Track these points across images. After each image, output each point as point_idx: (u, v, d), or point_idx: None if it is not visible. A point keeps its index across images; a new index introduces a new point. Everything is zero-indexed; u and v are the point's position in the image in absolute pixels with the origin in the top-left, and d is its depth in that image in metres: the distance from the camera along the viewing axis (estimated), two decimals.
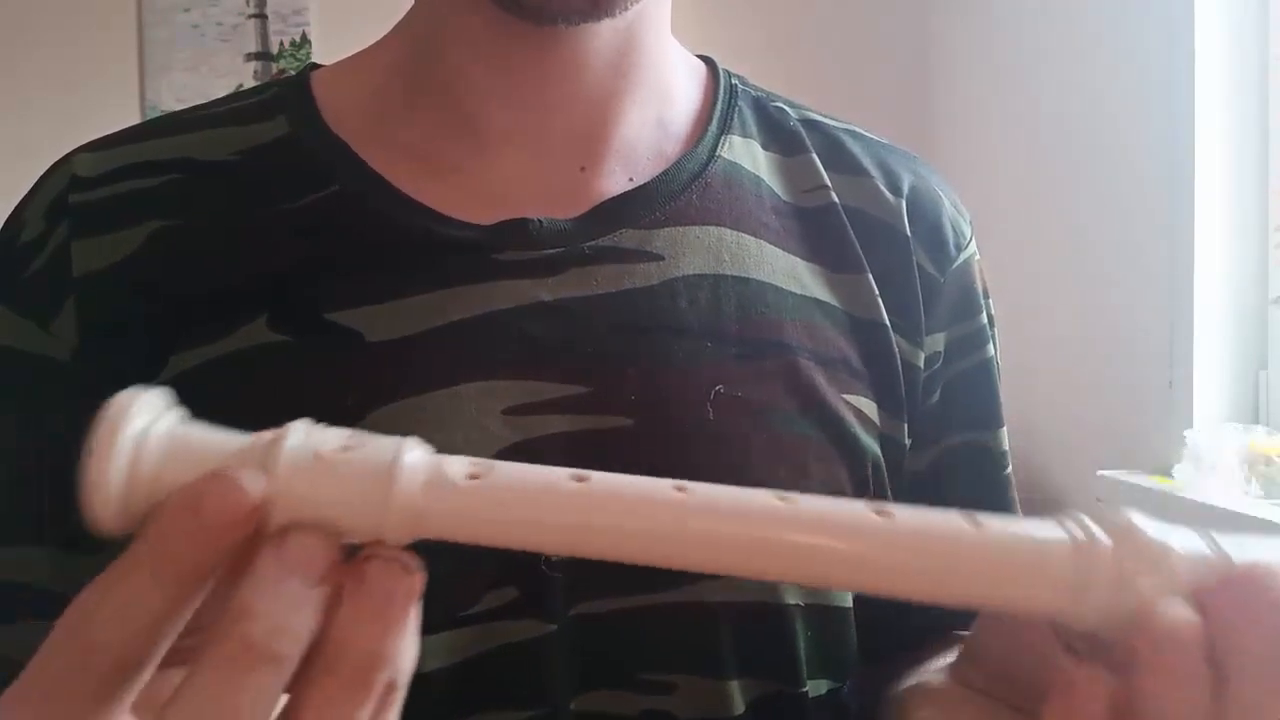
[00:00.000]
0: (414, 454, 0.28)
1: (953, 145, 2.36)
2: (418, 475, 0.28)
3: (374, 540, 0.28)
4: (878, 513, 0.28)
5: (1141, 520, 0.29)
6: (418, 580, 0.27)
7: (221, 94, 0.57)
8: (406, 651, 0.27)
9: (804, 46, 2.43)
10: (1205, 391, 1.65)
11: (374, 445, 0.28)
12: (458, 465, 0.28)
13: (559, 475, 0.29)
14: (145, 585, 0.26)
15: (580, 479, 0.28)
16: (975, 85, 2.35)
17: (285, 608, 0.26)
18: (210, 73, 2.35)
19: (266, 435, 0.28)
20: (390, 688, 0.27)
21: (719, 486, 0.29)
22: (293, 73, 0.56)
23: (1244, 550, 0.29)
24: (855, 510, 0.28)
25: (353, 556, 0.28)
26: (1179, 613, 0.28)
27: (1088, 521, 0.29)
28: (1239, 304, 1.66)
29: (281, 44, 2.37)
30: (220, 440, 0.28)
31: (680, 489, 0.28)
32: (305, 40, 2.37)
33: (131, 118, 2.29)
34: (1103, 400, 1.86)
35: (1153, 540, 0.29)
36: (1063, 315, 1.96)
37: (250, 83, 2.31)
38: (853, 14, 2.50)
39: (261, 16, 2.36)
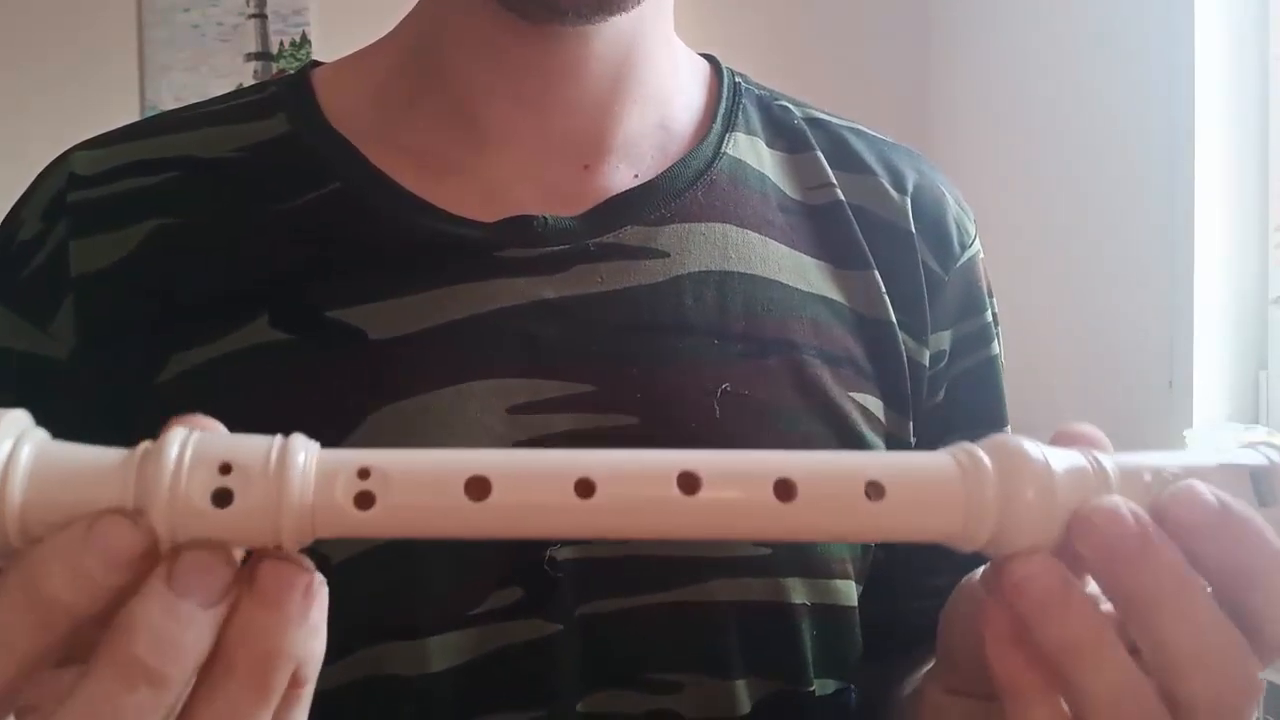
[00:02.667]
0: (300, 461, 0.27)
1: (952, 145, 2.36)
2: (308, 491, 0.27)
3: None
4: (782, 490, 0.29)
5: (1025, 443, 0.30)
6: (312, 577, 0.27)
7: (218, 95, 0.57)
8: (310, 646, 0.27)
9: (804, 45, 2.43)
10: (1205, 391, 1.65)
11: (257, 464, 0.27)
12: (345, 475, 0.28)
13: (455, 474, 0.28)
14: (20, 622, 0.25)
15: (481, 484, 0.28)
16: (975, 85, 2.35)
17: (175, 625, 0.26)
18: (210, 73, 2.35)
19: (137, 454, 0.27)
20: (295, 683, 0.27)
21: (623, 461, 0.29)
22: (293, 72, 0.55)
23: (1122, 464, 0.30)
24: (757, 495, 0.29)
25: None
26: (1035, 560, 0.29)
27: (974, 449, 0.30)
28: (1239, 304, 1.66)
29: (281, 44, 2.37)
30: (85, 462, 0.27)
31: (585, 484, 0.28)
32: (305, 40, 2.37)
33: (131, 118, 2.28)
34: (1103, 400, 1.86)
35: (1034, 461, 0.29)
36: (1062, 315, 1.96)
37: (250, 83, 2.31)
38: (853, 13, 2.50)
39: (261, 16, 2.36)
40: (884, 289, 0.54)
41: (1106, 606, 0.30)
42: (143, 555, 0.26)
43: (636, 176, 0.52)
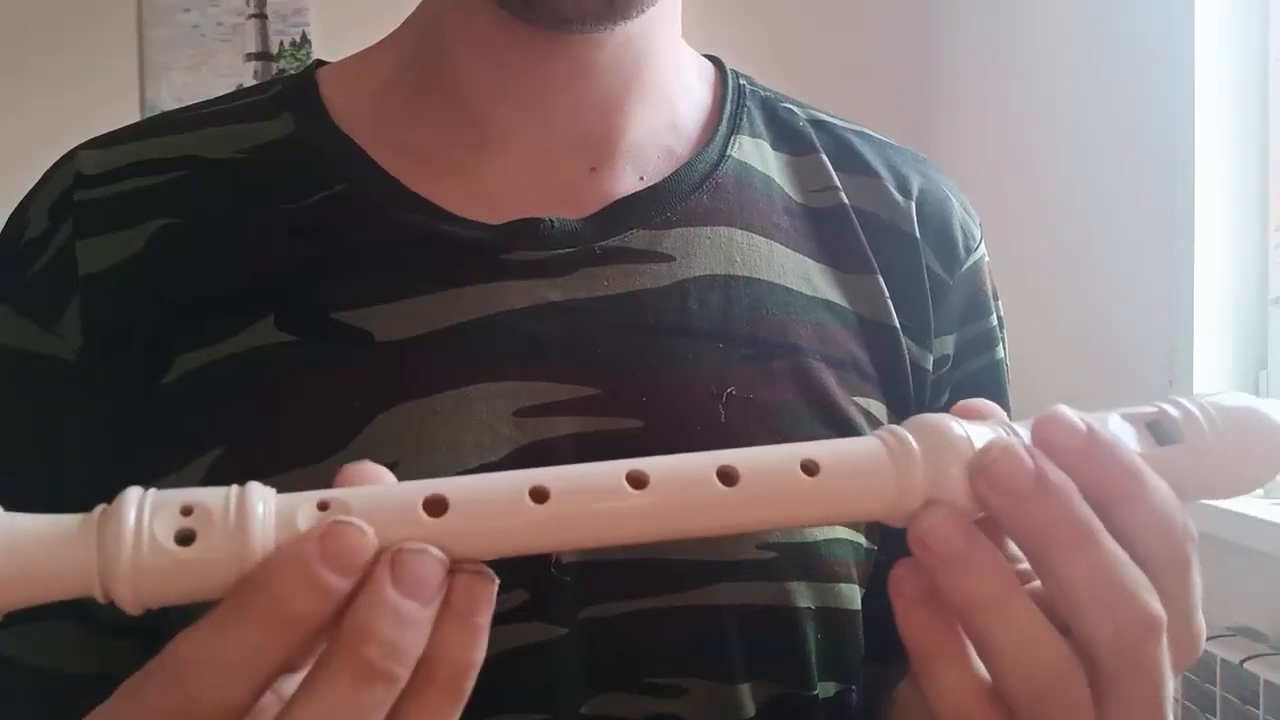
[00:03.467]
0: (260, 518, 0.28)
1: (952, 145, 2.36)
2: (269, 528, 0.28)
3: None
4: (724, 478, 0.30)
5: (947, 418, 0.32)
6: (494, 589, 0.29)
7: (221, 94, 0.57)
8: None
9: (804, 45, 2.43)
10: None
11: (217, 506, 0.28)
12: (305, 508, 0.28)
13: (415, 504, 0.29)
14: (262, 639, 0.26)
15: (436, 503, 0.28)
16: (974, 85, 2.35)
17: (403, 630, 0.27)
18: (210, 73, 2.35)
19: (94, 518, 0.27)
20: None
21: (576, 475, 0.30)
22: (293, 72, 0.55)
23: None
24: (703, 488, 0.30)
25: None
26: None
27: (900, 430, 0.32)
28: (1239, 304, 1.66)
29: (281, 44, 2.37)
30: (44, 526, 0.28)
31: (538, 491, 0.29)
32: (305, 40, 2.37)
33: (131, 118, 2.28)
34: (1103, 400, 1.86)
35: (956, 435, 0.31)
36: (1062, 315, 1.96)
37: (250, 83, 2.31)
38: (853, 14, 2.50)
39: (261, 16, 2.36)
40: (887, 293, 0.53)
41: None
42: (366, 560, 0.27)
43: (642, 179, 0.52)
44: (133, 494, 0.28)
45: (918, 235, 0.55)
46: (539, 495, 0.29)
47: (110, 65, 2.32)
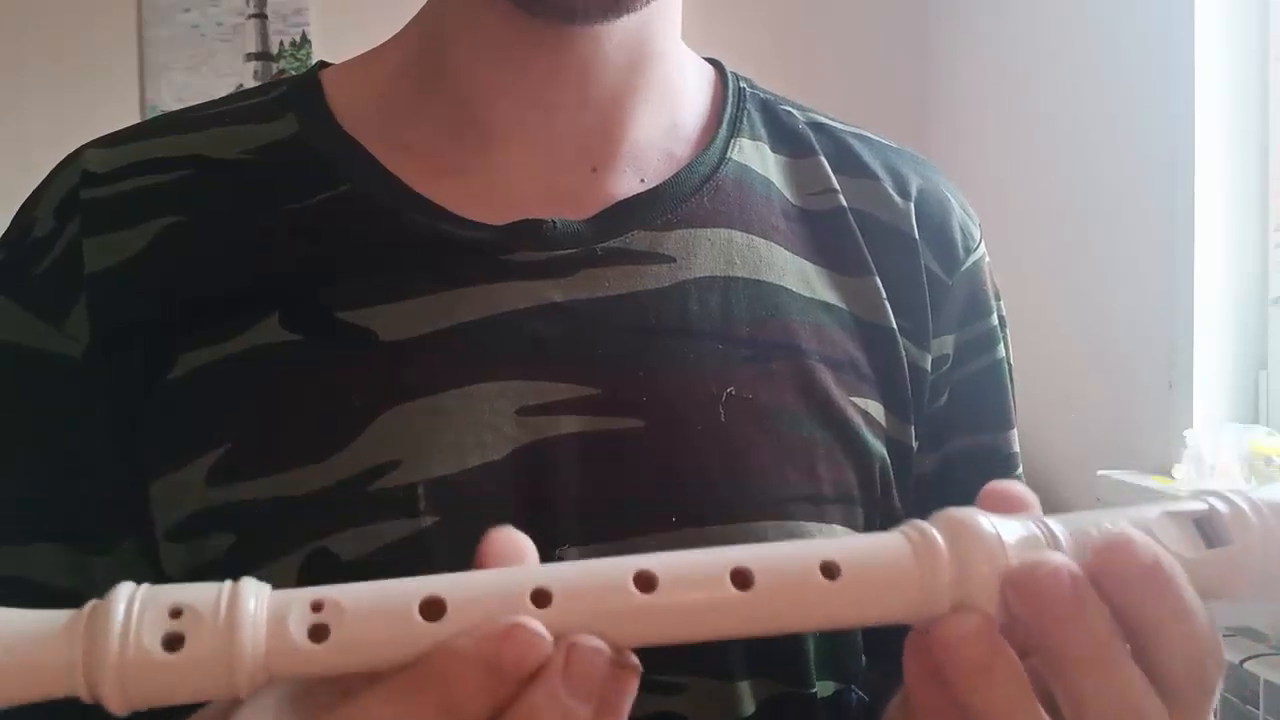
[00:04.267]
0: (251, 620, 0.27)
1: (952, 145, 2.36)
2: (260, 630, 0.27)
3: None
4: (738, 580, 0.29)
5: (976, 514, 0.31)
6: (638, 673, 0.29)
7: (221, 94, 0.57)
8: None
9: (804, 46, 2.43)
10: (1205, 391, 1.65)
11: (206, 613, 0.27)
12: (297, 619, 0.27)
13: (410, 606, 0.28)
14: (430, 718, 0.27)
15: (434, 605, 0.28)
16: (974, 85, 2.35)
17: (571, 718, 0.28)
18: (210, 73, 2.35)
19: (82, 616, 0.27)
20: None
21: (581, 572, 0.29)
22: (293, 73, 0.55)
23: (1071, 527, 0.31)
24: (717, 589, 0.29)
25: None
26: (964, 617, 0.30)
27: (925, 526, 0.30)
28: (1239, 304, 1.66)
29: (281, 44, 2.37)
30: (28, 626, 0.27)
31: (542, 594, 0.28)
32: (305, 40, 2.37)
33: (131, 118, 2.29)
34: (1103, 400, 1.87)
35: (986, 533, 0.30)
36: (1063, 315, 1.96)
37: (250, 83, 2.32)
38: (853, 14, 2.50)
39: (261, 16, 2.36)
40: (885, 295, 0.54)
41: None
42: (540, 661, 0.28)
43: (643, 180, 0.53)
44: (122, 591, 0.27)
45: (916, 236, 0.55)
46: (541, 599, 0.28)
47: (110, 65, 2.32)
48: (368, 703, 0.27)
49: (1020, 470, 0.59)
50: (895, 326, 0.54)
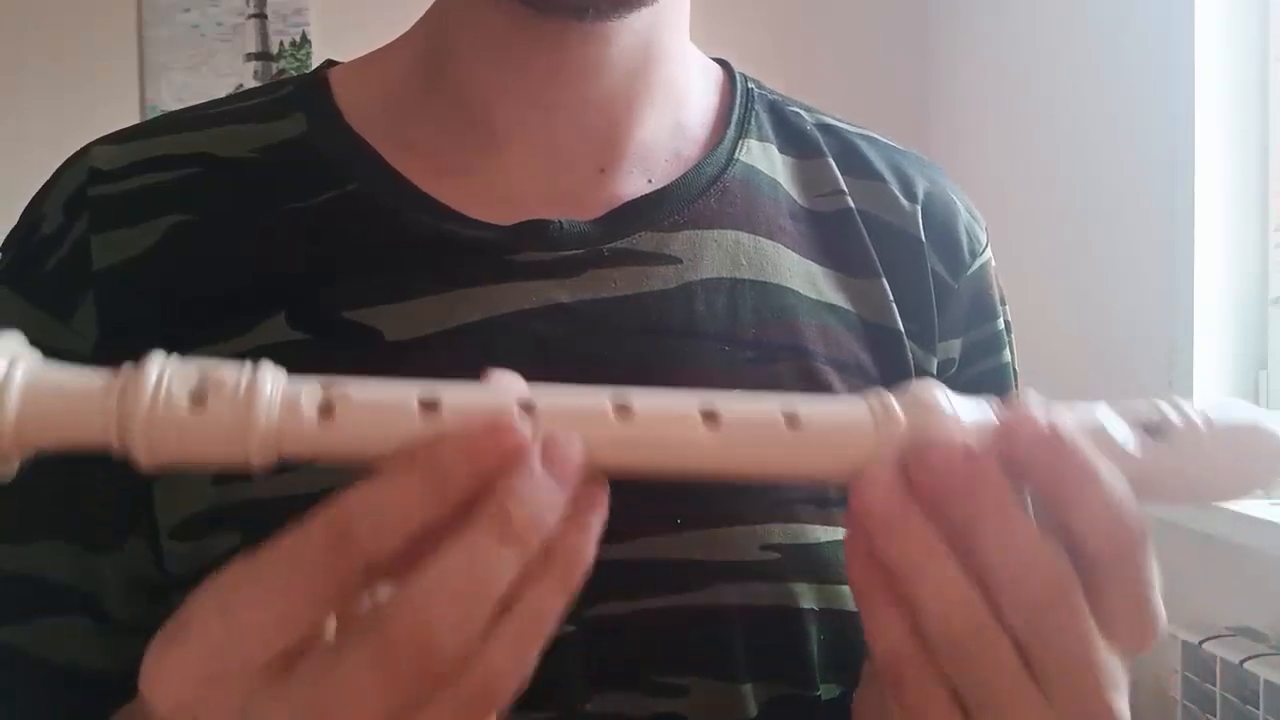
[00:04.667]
0: (267, 395, 0.30)
1: (952, 145, 2.36)
2: (274, 415, 0.30)
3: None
4: (708, 419, 0.31)
5: (937, 393, 0.33)
6: (606, 492, 0.31)
7: (222, 94, 0.57)
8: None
9: (804, 45, 2.43)
10: (1205, 391, 1.65)
11: (228, 382, 0.30)
12: (308, 397, 0.30)
13: (410, 400, 0.30)
14: (422, 496, 0.29)
15: (430, 406, 0.30)
16: (975, 85, 2.35)
17: (542, 502, 0.29)
18: (210, 73, 2.35)
19: (120, 375, 0.30)
20: None
21: (565, 396, 0.31)
22: (293, 73, 0.56)
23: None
24: (687, 426, 0.31)
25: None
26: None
27: (888, 398, 0.33)
28: (1239, 304, 1.66)
29: (281, 44, 2.37)
30: (74, 380, 0.30)
31: (525, 407, 0.31)
32: (305, 40, 2.37)
33: (131, 118, 2.29)
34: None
35: (943, 408, 0.32)
36: (1062, 315, 1.96)
37: (250, 82, 2.32)
38: (853, 14, 2.50)
39: (261, 16, 2.36)
40: (891, 297, 0.54)
41: None
42: (521, 456, 0.30)
43: (650, 181, 0.52)
44: (156, 357, 0.30)
45: (923, 239, 0.55)
46: (526, 408, 0.31)
47: (110, 65, 2.32)
48: (366, 484, 0.29)
49: None
50: (901, 329, 0.54)
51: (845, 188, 0.56)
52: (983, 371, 0.57)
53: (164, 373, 0.30)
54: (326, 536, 0.29)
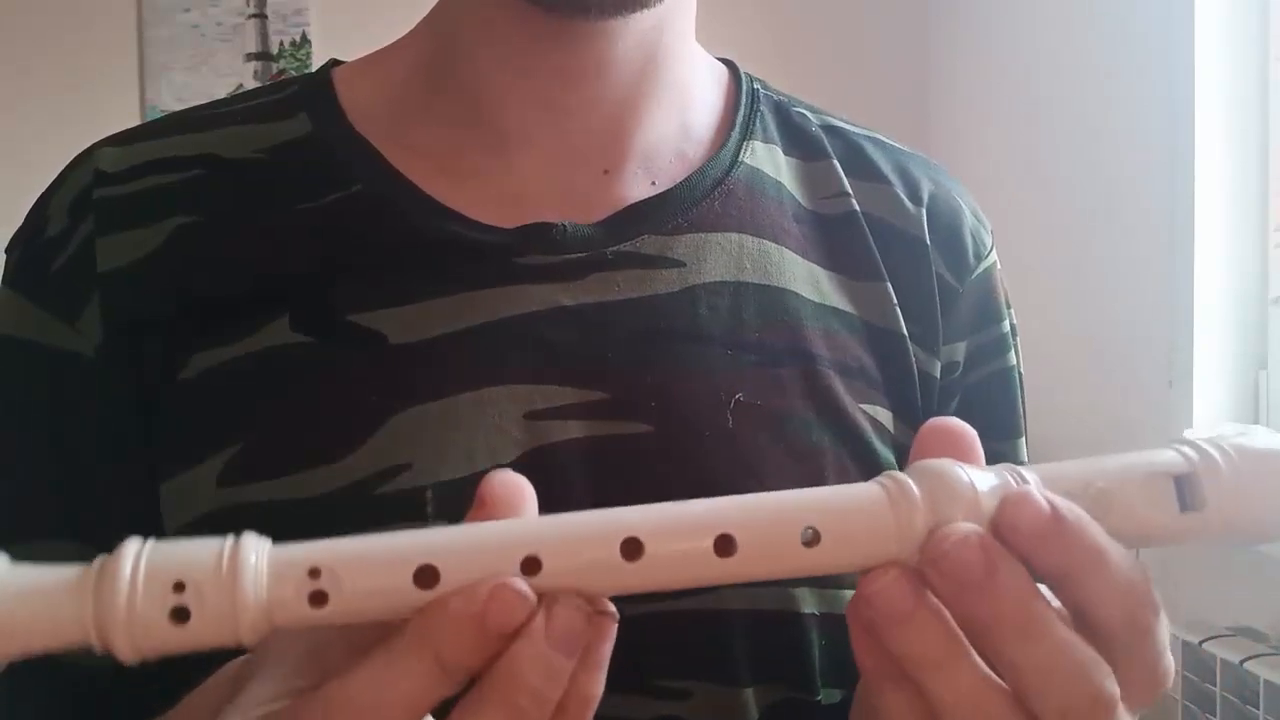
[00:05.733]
0: (251, 565, 0.29)
1: (952, 145, 2.36)
2: (261, 596, 0.28)
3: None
4: (721, 549, 0.30)
5: (952, 465, 0.31)
6: (615, 627, 0.30)
7: (222, 94, 0.57)
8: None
9: (804, 45, 2.43)
10: (1205, 391, 1.65)
11: (209, 576, 0.28)
12: (296, 577, 0.29)
13: (406, 574, 0.29)
14: (426, 681, 0.28)
15: (429, 573, 0.29)
16: (974, 85, 2.35)
17: (552, 681, 0.29)
18: (210, 73, 2.35)
19: (93, 572, 0.28)
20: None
21: (568, 530, 0.30)
22: (293, 73, 0.56)
23: (1045, 478, 0.31)
24: (700, 560, 0.30)
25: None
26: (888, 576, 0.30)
27: (902, 477, 0.31)
28: (1239, 304, 1.66)
29: (281, 44, 2.37)
30: (38, 584, 0.28)
31: (532, 561, 0.29)
32: (305, 40, 2.36)
33: (131, 117, 2.29)
34: (1103, 400, 1.87)
35: (961, 483, 0.30)
36: (1063, 315, 1.96)
37: (250, 82, 2.32)
38: (853, 14, 2.50)
39: (261, 16, 2.36)
40: (895, 300, 0.54)
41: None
42: (527, 617, 0.29)
43: (654, 184, 0.52)
44: (129, 548, 0.29)
45: (928, 242, 0.55)
46: (531, 566, 0.29)
47: (110, 65, 2.32)
48: (363, 671, 0.29)
49: None
50: (905, 332, 0.53)
51: (850, 190, 0.55)
52: (987, 375, 0.57)
53: (138, 575, 0.28)
54: None
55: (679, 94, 0.54)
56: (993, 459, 0.58)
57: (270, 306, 0.48)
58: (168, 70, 2.34)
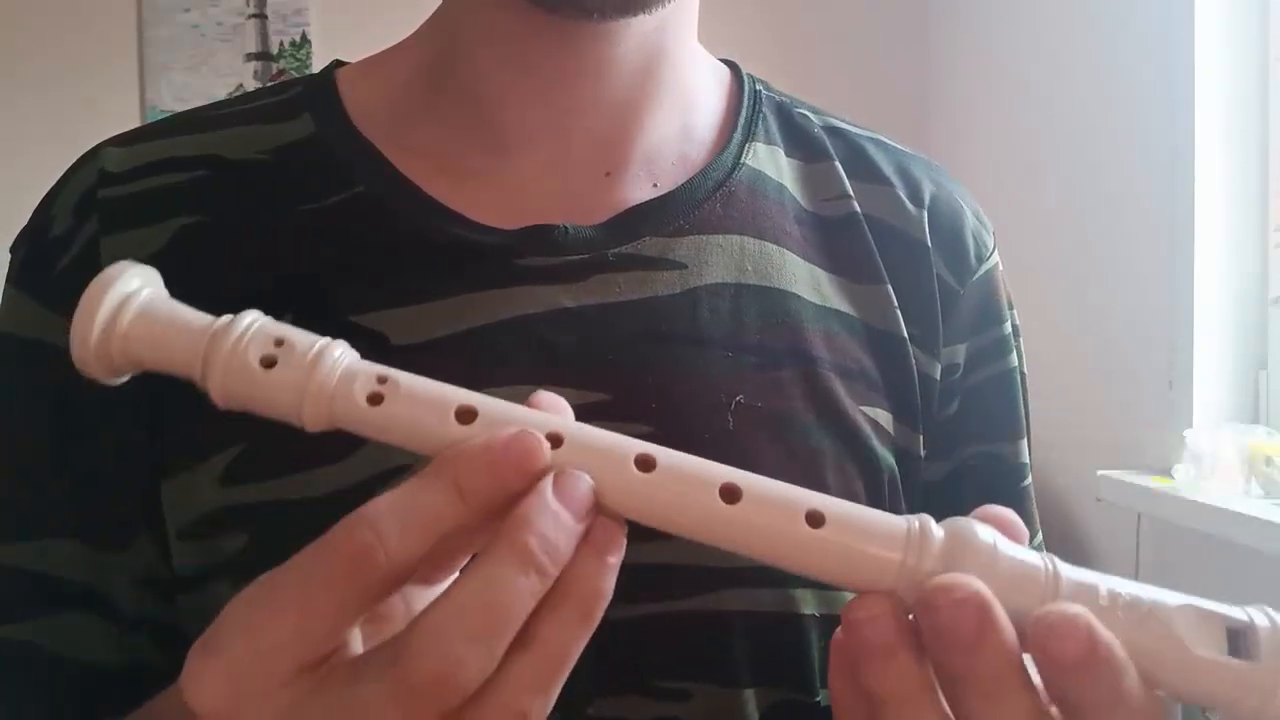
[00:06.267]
0: (329, 367, 0.32)
1: (952, 145, 2.36)
2: (334, 375, 0.32)
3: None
4: (727, 493, 0.31)
5: (987, 530, 0.31)
6: (624, 537, 0.31)
7: (222, 94, 0.58)
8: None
9: (804, 46, 2.43)
10: (1205, 391, 1.65)
11: (299, 349, 0.33)
12: (362, 382, 0.32)
13: (450, 407, 0.32)
14: (445, 501, 0.30)
15: (468, 413, 0.32)
16: (974, 85, 2.35)
17: (557, 530, 0.30)
18: (210, 73, 2.34)
19: (223, 322, 0.33)
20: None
21: (595, 437, 0.32)
22: (293, 73, 0.56)
23: (1078, 578, 0.30)
24: (704, 493, 0.31)
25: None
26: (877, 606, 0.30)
27: (929, 521, 0.31)
28: (1239, 304, 1.66)
29: (281, 44, 2.36)
30: (182, 315, 0.34)
31: (553, 437, 0.31)
32: (305, 40, 2.36)
33: (131, 118, 2.29)
34: (1103, 400, 1.86)
35: (983, 544, 0.30)
36: (1063, 315, 1.96)
37: (250, 82, 2.31)
38: (853, 14, 2.50)
39: (261, 16, 2.36)
40: (896, 303, 0.54)
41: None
42: (541, 472, 0.31)
43: (655, 185, 0.52)
44: (248, 315, 0.33)
45: (929, 244, 0.55)
46: (556, 441, 0.31)
47: (110, 65, 2.32)
48: (393, 492, 0.30)
49: (1029, 480, 0.59)
50: (906, 334, 0.53)
51: (852, 192, 0.55)
52: (988, 376, 0.57)
53: (250, 328, 0.33)
54: (350, 542, 0.29)
55: (681, 95, 0.54)
56: (994, 459, 0.59)
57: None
58: (168, 70, 2.34)
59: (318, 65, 0.58)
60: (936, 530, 0.31)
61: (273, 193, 0.51)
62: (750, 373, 0.50)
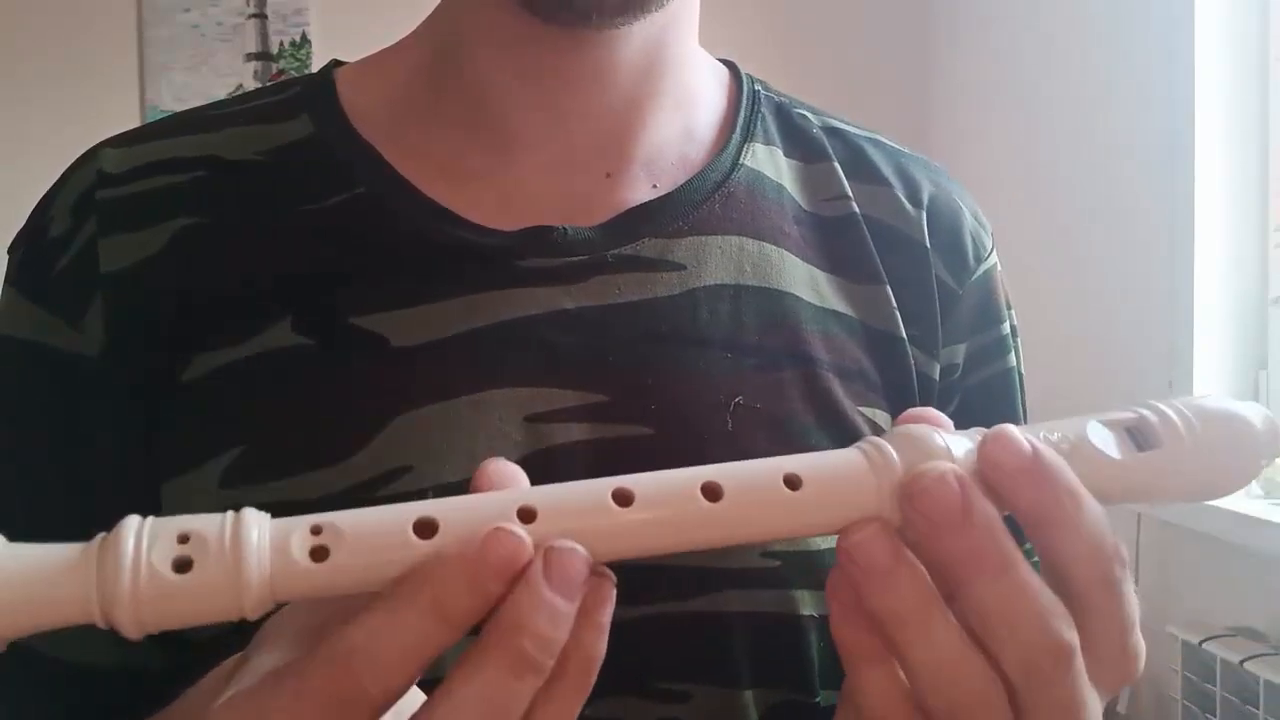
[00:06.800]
0: (255, 545, 0.28)
1: (952, 145, 2.36)
2: (265, 553, 0.28)
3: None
4: (709, 493, 0.31)
5: (928, 429, 0.32)
6: (614, 588, 0.30)
7: (222, 94, 0.58)
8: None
9: (804, 46, 2.43)
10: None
11: (211, 541, 0.28)
12: (299, 542, 0.29)
13: (405, 527, 0.29)
14: (427, 629, 0.28)
15: (427, 525, 0.29)
16: (975, 85, 2.35)
17: (554, 625, 0.28)
18: (210, 73, 2.35)
19: (93, 547, 0.28)
20: None
21: (564, 494, 0.30)
22: (293, 73, 0.56)
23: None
24: (689, 503, 0.31)
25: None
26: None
27: (879, 441, 0.32)
28: (1239, 304, 1.66)
29: (281, 44, 2.37)
30: (39, 557, 0.28)
31: (525, 514, 0.29)
32: (305, 40, 2.36)
33: (131, 117, 2.29)
34: (1103, 400, 1.86)
35: (936, 445, 0.31)
36: (1062, 315, 1.96)
37: (250, 82, 2.31)
38: (853, 14, 2.50)
39: (261, 16, 2.36)
40: (895, 303, 0.54)
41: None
42: (526, 564, 0.29)
43: (655, 187, 0.52)
44: (131, 523, 0.29)
45: (927, 245, 0.55)
46: (527, 516, 0.30)
47: (110, 65, 2.32)
48: (366, 617, 0.28)
49: None
50: (905, 335, 0.53)
51: (850, 193, 0.55)
52: (988, 376, 0.57)
53: (141, 537, 0.28)
54: (329, 688, 0.28)
55: (681, 97, 0.54)
56: None
57: (273, 308, 0.48)
58: (168, 70, 2.34)
59: (318, 65, 0.58)
60: (885, 444, 0.32)
61: (272, 193, 0.50)
62: (749, 373, 0.50)
